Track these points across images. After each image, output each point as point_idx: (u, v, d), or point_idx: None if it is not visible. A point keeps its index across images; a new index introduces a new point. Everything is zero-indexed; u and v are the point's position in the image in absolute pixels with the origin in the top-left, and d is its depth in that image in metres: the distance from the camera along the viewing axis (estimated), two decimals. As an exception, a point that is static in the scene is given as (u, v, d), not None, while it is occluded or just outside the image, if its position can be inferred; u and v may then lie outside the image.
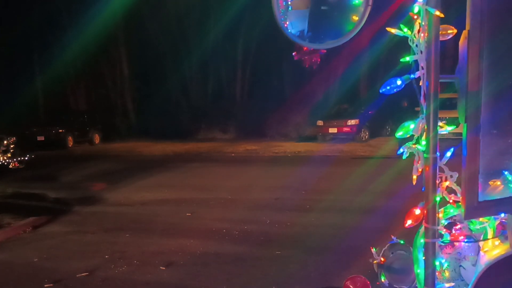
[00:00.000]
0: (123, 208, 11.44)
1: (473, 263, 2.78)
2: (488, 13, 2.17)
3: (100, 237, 8.74)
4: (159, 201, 11.98)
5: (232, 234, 8.57)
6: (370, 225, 8.25)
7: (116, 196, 12.71)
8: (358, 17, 2.36)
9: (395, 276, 2.85)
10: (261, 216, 9.77)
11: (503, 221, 2.62)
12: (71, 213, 11.12)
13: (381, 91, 2.35)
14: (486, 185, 2.36)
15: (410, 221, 2.36)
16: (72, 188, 14.17)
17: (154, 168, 18.21)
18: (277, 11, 2.38)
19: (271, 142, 26.19)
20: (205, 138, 31.16)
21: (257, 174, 16.01)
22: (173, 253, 7.48)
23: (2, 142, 18.23)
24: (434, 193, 2.26)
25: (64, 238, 8.80)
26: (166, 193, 12.99)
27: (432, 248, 2.30)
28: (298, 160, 19.00)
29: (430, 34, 2.20)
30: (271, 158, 21.03)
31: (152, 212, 10.88)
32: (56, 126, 28.70)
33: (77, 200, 12.35)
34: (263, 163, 18.92)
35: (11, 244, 8.56)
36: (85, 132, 30.19)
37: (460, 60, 2.28)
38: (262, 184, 13.68)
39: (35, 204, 12.30)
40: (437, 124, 2.25)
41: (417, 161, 2.31)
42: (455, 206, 2.52)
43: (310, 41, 2.48)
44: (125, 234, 8.84)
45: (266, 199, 11.52)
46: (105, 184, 14.90)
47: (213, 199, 11.79)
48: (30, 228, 9.64)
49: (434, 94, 2.22)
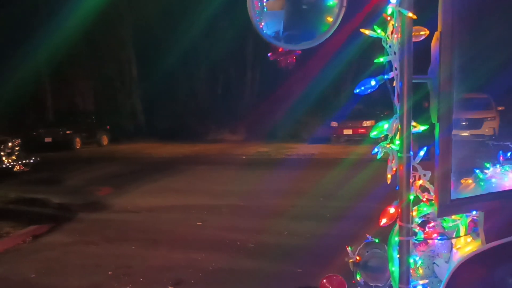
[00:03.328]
0: (129, 215, 11.97)
1: (446, 260, 3.03)
2: (459, 15, 2.42)
3: (104, 249, 8.91)
4: (167, 208, 12.29)
5: (247, 246, 8.68)
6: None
7: (122, 202, 13.05)
8: (332, 19, 2.61)
9: (371, 274, 3.08)
10: (277, 225, 9.94)
11: (474, 218, 2.88)
12: (74, 220, 11.59)
13: (356, 92, 2.62)
14: (458, 183, 2.68)
15: (385, 219, 2.62)
16: (77, 193, 14.58)
17: (162, 171, 18.76)
18: (252, 12, 2.61)
19: (282, 144, 27.06)
20: (214, 139, 32.24)
21: (270, 178, 16.45)
22: (183, 269, 7.52)
23: (7, 144, 18.77)
24: (408, 191, 2.52)
25: (65, 250, 8.94)
26: (174, 198, 13.35)
27: (406, 246, 2.56)
28: (312, 163, 19.63)
29: (403, 35, 2.43)
30: (284, 160, 21.75)
31: (160, 220, 11.28)
32: (63, 127, 30.21)
33: (81, 206, 12.73)
34: (275, 166, 19.52)
35: (8, 256, 8.73)
36: (93, 134, 31.73)
37: (432, 61, 2.53)
38: (276, 189, 13.90)
39: (37, 210, 12.59)
40: (410, 124, 2.49)
41: (391, 160, 2.57)
42: (428, 205, 2.76)
43: (285, 42, 2.73)
44: (130, 245, 9.01)
45: (282, 206, 11.75)
46: (111, 188, 15.34)
47: (225, 206, 12.09)
48: (30, 237, 10.00)
49: (408, 94, 2.46)
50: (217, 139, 33.53)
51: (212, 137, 34.06)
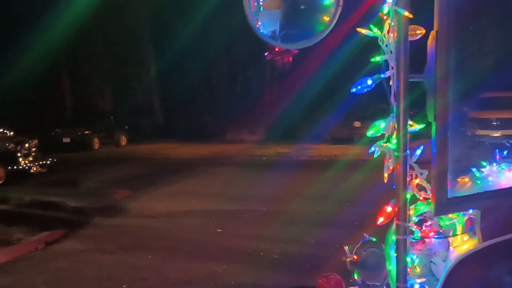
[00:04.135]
0: (146, 220, 12.20)
1: (443, 258, 3.23)
2: (455, 14, 2.62)
3: (119, 259, 8.98)
4: (186, 213, 12.51)
5: (271, 257, 8.66)
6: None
7: (139, 206, 13.35)
8: (329, 18, 2.83)
9: (368, 273, 3.30)
10: (303, 234, 10.01)
11: (471, 217, 3.08)
12: (89, 226, 11.87)
13: (352, 91, 2.83)
14: (455, 182, 2.87)
15: (382, 218, 2.84)
16: (93, 196, 15.02)
17: (181, 172, 19.24)
18: (249, 12, 2.85)
19: (303, 144, 27.47)
20: (233, 140, 33.06)
21: (293, 181, 16.54)
22: (202, 283, 7.50)
23: (24, 145, 19.60)
24: (405, 190, 2.71)
25: (78, 259, 9.05)
26: (193, 202, 13.60)
27: (403, 245, 2.75)
28: (335, 165, 19.82)
29: (400, 34, 2.61)
30: (306, 162, 22.10)
31: (178, 227, 11.48)
32: (82, 128, 31.42)
33: (97, 210, 13.08)
34: (297, 168, 19.65)
35: (19, 265, 8.85)
36: (112, 134, 33.05)
37: (428, 59, 2.70)
38: (299, 193, 14.07)
39: (52, 214, 12.98)
40: (407, 123, 2.68)
41: (388, 159, 2.80)
42: (425, 203, 2.95)
43: (282, 41, 2.97)
44: (147, 255, 9.08)
45: (306, 212, 11.90)
46: (128, 191, 15.77)
47: (246, 211, 12.29)
48: (43, 245, 10.21)
49: (404, 93, 2.65)
50: (235, 139, 34.21)
51: (230, 137, 34.79)
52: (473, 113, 19.79)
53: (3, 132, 20.47)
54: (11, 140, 19.96)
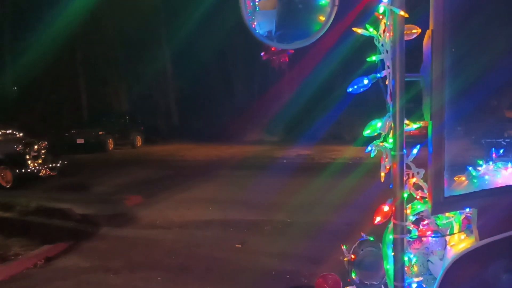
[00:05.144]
0: (158, 232, 12.20)
1: (440, 257, 3.45)
2: (450, 13, 2.81)
3: (124, 279, 8.90)
4: (202, 223, 12.77)
5: (299, 282, 8.42)
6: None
7: (152, 214, 13.52)
8: (324, 18, 3.05)
9: (366, 272, 3.55)
10: (335, 250, 9.43)
11: (468, 215, 3.30)
12: (96, 237, 11.90)
13: (349, 90, 3.05)
14: (451, 181, 3.03)
15: (379, 218, 3.03)
16: (103, 202, 15.35)
17: (197, 176, 19.69)
18: (245, 12, 3.08)
19: (325, 146, 28.46)
20: (251, 141, 34.24)
21: (317, 186, 16.74)
22: None
23: (33, 147, 20.40)
24: (402, 189, 2.93)
25: (79, 279, 8.99)
26: (210, 211, 13.75)
27: (400, 244, 2.96)
28: (361, 169, 19.27)
29: (395, 33, 2.84)
30: (329, 165, 22.54)
31: (192, 240, 11.36)
32: (96, 128, 33.16)
33: (106, 219, 13.29)
34: (320, 172, 20.05)
35: (13, 285, 8.82)
36: (127, 135, 34.72)
37: (424, 59, 2.93)
38: (325, 201, 14.35)
39: (57, 223, 13.44)
40: (403, 122, 2.90)
41: (385, 158, 3.00)
42: (422, 202, 3.19)
43: (278, 41, 3.20)
44: (156, 275, 9.00)
45: (335, 224, 11.67)
46: (141, 197, 16.13)
47: (268, 223, 12.35)
48: (42, 260, 10.20)
49: (400, 92, 2.87)
50: (254, 140, 35.40)
51: (249, 138, 36.00)
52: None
53: (11, 133, 21.37)
54: (19, 141, 20.75)
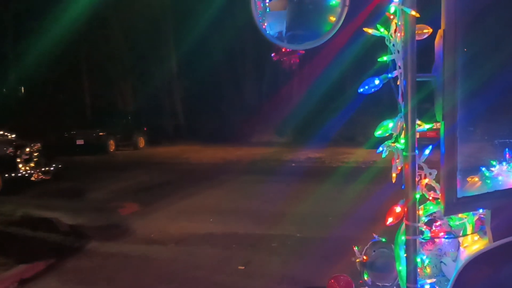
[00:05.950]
0: (152, 248, 11.04)
1: (453, 258, 3.44)
2: (462, 13, 2.79)
3: None
4: (202, 238, 11.61)
5: (311, 283, 7.97)
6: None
7: (147, 226, 12.73)
8: (335, 18, 3.05)
9: (378, 274, 3.55)
10: (353, 271, 9.11)
11: (481, 216, 3.28)
12: (81, 254, 10.69)
13: (360, 91, 3.05)
14: (464, 181, 3.02)
15: (391, 219, 3.05)
16: (96, 210, 14.50)
17: (201, 182, 18.81)
18: (255, 13, 3.10)
19: (336, 148, 27.91)
20: (259, 142, 33.59)
21: (329, 194, 15.74)
22: None
23: (24, 149, 19.29)
24: (414, 190, 2.92)
25: None
26: (212, 223, 12.92)
27: (413, 245, 2.95)
28: (376, 174, 18.53)
29: (407, 33, 2.83)
30: (341, 169, 21.74)
31: (191, 260, 10.14)
32: (96, 129, 32.37)
33: (96, 231, 12.46)
34: (332, 177, 19.20)
35: None
36: (129, 135, 33.89)
37: (436, 59, 2.93)
38: (339, 212, 13.12)
39: (40, 236, 12.19)
40: (415, 123, 2.90)
41: (396, 159, 3.02)
42: (434, 203, 3.19)
43: (289, 42, 3.22)
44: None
45: (355, 239, 10.56)
46: (137, 205, 15.19)
47: (276, 238, 11.26)
48: (16, 284, 9.00)
49: (412, 92, 2.86)
50: (262, 141, 34.67)
51: (256, 140, 35.46)
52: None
53: (2, 134, 20.09)
54: (9, 143, 19.58)
